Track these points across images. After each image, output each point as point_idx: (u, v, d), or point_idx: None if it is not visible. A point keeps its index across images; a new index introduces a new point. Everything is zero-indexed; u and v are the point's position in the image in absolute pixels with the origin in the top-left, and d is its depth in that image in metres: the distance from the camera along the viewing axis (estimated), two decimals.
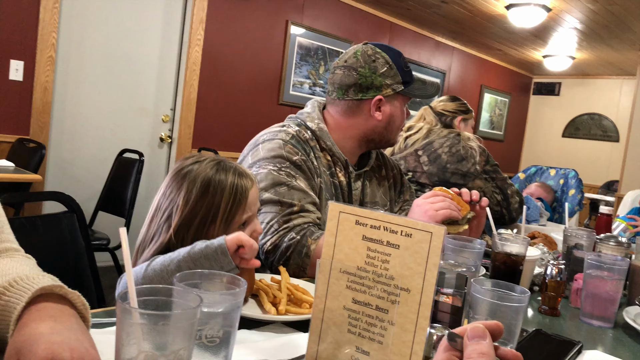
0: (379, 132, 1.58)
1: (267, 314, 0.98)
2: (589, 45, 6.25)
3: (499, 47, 6.93)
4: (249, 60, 4.67)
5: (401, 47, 6.07)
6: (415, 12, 5.62)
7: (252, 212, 1.11)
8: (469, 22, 5.82)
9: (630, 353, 1.06)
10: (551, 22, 5.42)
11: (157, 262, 0.94)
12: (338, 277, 0.72)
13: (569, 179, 3.52)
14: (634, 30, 5.41)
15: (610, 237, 1.54)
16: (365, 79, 1.53)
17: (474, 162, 2.31)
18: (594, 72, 7.75)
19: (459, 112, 2.58)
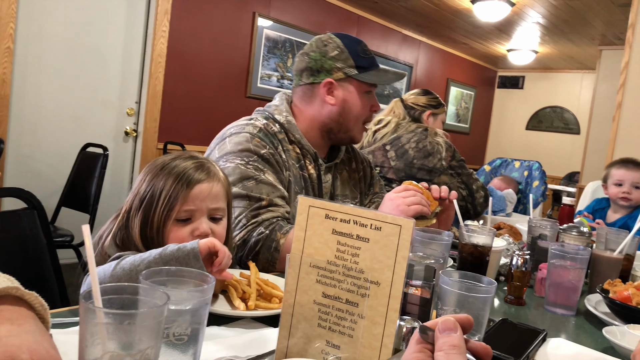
0: (335, 120, 1.55)
1: (236, 310, 0.97)
2: (551, 39, 6.40)
3: (464, 41, 7.02)
4: (215, 52, 4.61)
5: (369, 41, 6.09)
6: (383, 5, 5.64)
7: (197, 209, 1.06)
8: (435, 16, 5.87)
9: (592, 339, 1.09)
10: (515, 17, 5.52)
11: (126, 261, 0.92)
12: (308, 272, 0.72)
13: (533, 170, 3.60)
14: (594, 25, 5.56)
15: (573, 228, 1.59)
16: (315, 62, 1.53)
17: (440, 158, 2.33)
18: (556, 66, 7.94)
19: (429, 106, 2.59)
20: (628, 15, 3.21)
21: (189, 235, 1.05)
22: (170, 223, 1.05)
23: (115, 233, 1.06)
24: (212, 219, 1.10)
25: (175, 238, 1.05)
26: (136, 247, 1.05)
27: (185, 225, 1.06)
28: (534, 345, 0.94)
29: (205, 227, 1.06)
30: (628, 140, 3.17)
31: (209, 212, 1.08)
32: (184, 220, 1.06)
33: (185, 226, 1.06)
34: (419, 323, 0.76)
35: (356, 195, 1.71)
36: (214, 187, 1.09)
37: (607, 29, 5.64)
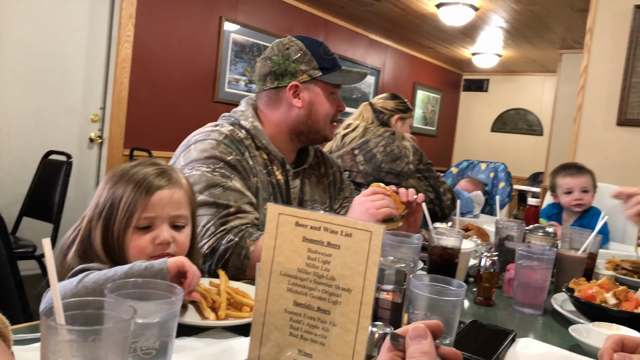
0: (304, 122, 1.55)
1: (206, 320, 0.95)
2: (513, 43, 6.55)
3: (430, 45, 7.12)
4: (182, 57, 4.55)
5: (336, 45, 6.12)
6: (349, 9, 5.67)
7: (158, 216, 1.04)
8: (402, 20, 5.94)
9: (559, 338, 1.11)
10: (479, 21, 5.63)
11: (89, 279, 0.88)
12: (279, 280, 0.71)
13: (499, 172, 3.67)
14: (554, 30, 5.71)
15: (539, 228, 1.62)
16: (278, 66, 1.52)
17: (408, 162, 2.35)
18: (519, 69, 8.13)
19: (397, 110, 2.61)
20: (586, 20, 3.31)
21: (149, 243, 1.03)
22: (130, 231, 1.02)
23: (78, 245, 1.03)
24: (175, 227, 1.07)
25: (135, 247, 1.02)
26: (99, 258, 1.02)
27: (145, 233, 1.03)
28: (504, 346, 0.95)
29: (166, 235, 1.04)
30: (588, 141, 3.26)
31: (170, 220, 1.06)
32: (144, 228, 1.03)
33: (146, 234, 1.03)
34: (391, 328, 0.76)
35: (325, 200, 1.71)
36: (176, 194, 1.07)
37: (567, 34, 5.81)
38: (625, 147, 3.09)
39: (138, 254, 1.03)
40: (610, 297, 1.16)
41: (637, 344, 0.73)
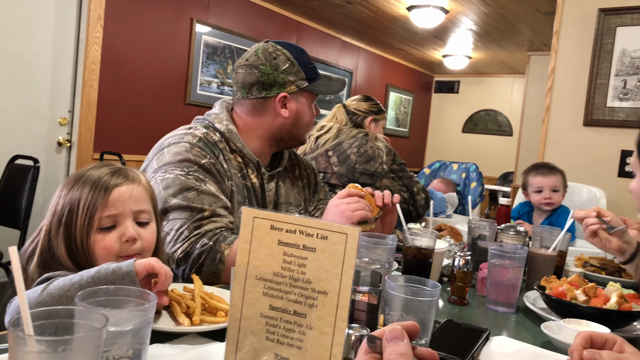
0: (287, 130, 1.56)
1: (180, 326, 0.94)
2: (483, 45, 6.66)
3: (402, 47, 7.19)
4: (152, 59, 4.49)
5: (308, 47, 6.12)
6: (321, 12, 5.68)
7: (120, 212, 1.02)
8: (373, 23, 5.98)
9: (531, 335, 1.13)
10: (449, 24, 5.71)
11: (54, 285, 0.86)
12: (254, 285, 0.70)
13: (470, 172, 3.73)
14: (522, 32, 5.83)
15: (510, 227, 1.64)
16: (267, 77, 1.51)
17: (381, 162, 2.37)
18: (489, 70, 8.27)
19: (371, 112, 2.63)
20: (553, 23, 3.39)
21: (116, 241, 1.01)
22: (94, 233, 1.00)
23: (38, 257, 1.00)
24: (139, 224, 1.06)
25: (101, 248, 1.00)
26: (65, 267, 0.99)
27: (110, 232, 1.01)
28: (478, 344, 0.97)
29: (131, 231, 1.02)
30: (557, 141, 3.33)
31: (134, 215, 1.04)
32: (108, 228, 1.01)
33: (110, 233, 1.01)
34: (367, 330, 0.76)
35: (300, 202, 1.71)
36: (135, 190, 1.05)
37: (534, 36, 5.93)
38: (591, 146, 3.17)
39: (105, 255, 1.01)
40: (580, 293, 1.18)
41: (605, 339, 0.75)
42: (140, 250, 1.04)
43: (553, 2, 3.65)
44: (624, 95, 3.08)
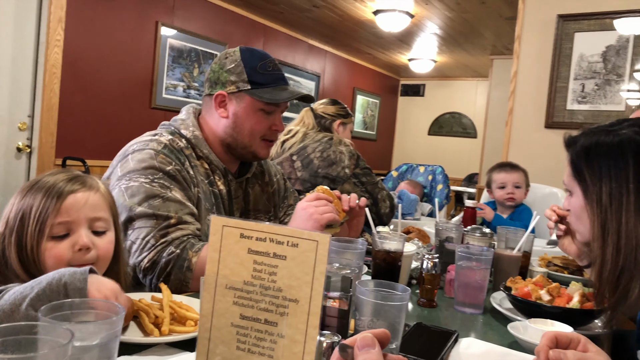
0: (230, 134, 1.52)
1: (149, 337, 0.92)
2: (447, 49, 6.77)
3: (368, 51, 7.25)
4: (116, 62, 4.40)
5: (275, 50, 6.11)
6: (288, 15, 5.68)
7: (74, 220, 0.99)
8: (340, 27, 6.01)
9: (498, 336, 1.15)
10: (414, 28, 5.78)
11: (5, 300, 0.81)
12: (224, 294, 0.69)
13: (437, 174, 3.78)
14: (485, 36, 5.95)
15: (476, 229, 1.67)
16: (213, 74, 1.52)
17: (344, 167, 2.36)
18: (453, 74, 8.41)
19: (338, 115, 2.64)
20: (514, 28, 3.47)
21: (68, 250, 0.98)
22: (45, 241, 0.97)
23: None
24: (95, 233, 1.03)
25: (52, 257, 0.97)
26: (18, 277, 0.96)
27: (62, 240, 0.98)
28: (447, 346, 0.98)
29: (85, 239, 0.99)
30: (519, 143, 3.41)
31: (89, 224, 1.01)
32: (61, 236, 0.98)
33: (63, 241, 0.98)
34: (339, 337, 0.77)
35: (270, 209, 1.70)
36: (92, 197, 1.02)
37: (497, 40, 6.07)
38: (552, 148, 3.25)
39: (56, 264, 0.97)
40: (544, 293, 1.21)
41: (570, 339, 0.77)
42: (95, 260, 1.02)
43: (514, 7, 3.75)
44: (583, 99, 3.18)
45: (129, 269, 1.32)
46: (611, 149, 1.00)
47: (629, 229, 0.94)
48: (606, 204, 0.98)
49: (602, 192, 0.99)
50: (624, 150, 0.98)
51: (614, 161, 0.99)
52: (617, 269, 0.95)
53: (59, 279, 0.82)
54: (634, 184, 0.95)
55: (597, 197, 1.00)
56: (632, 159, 0.97)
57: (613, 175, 0.98)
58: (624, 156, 0.97)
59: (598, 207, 0.99)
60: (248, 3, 5.34)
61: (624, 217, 0.95)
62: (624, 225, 0.94)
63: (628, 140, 0.98)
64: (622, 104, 3.07)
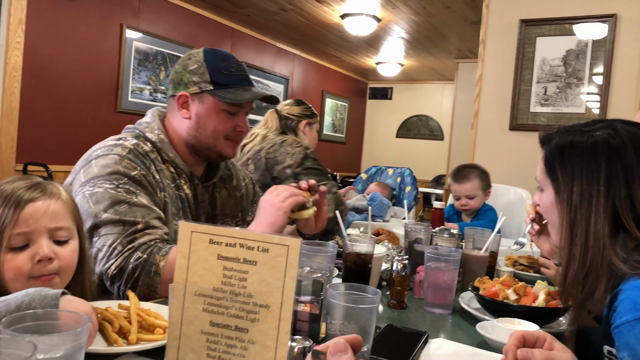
0: (193, 135, 1.50)
1: (116, 346, 0.90)
2: (414, 53, 6.86)
3: (336, 55, 7.29)
4: (80, 65, 4.31)
5: (243, 53, 6.08)
6: (256, 18, 5.66)
7: (33, 230, 0.96)
8: (308, 30, 6.02)
9: (467, 335, 1.17)
10: (381, 32, 5.84)
11: None
12: (193, 301, 0.68)
13: (405, 177, 3.82)
14: (450, 40, 6.06)
15: (444, 230, 1.70)
16: (176, 75, 1.51)
17: (284, 166, 2.30)
18: (420, 77, 8.53)
19: (304, 116, 2.61)
20: (479, 32, 3.54)
21: (27, 261, 0.95)
22: (3, 252, 0.93)
23: None
24: (57, 242, 0.99)
25: (10, 269, 0.94)
26: None
27: (22, 251, 0.95)
28: (418, 348, 0.99)
29: (46, 250, 0.96)
30: (485, 145, 3.48)
31: (49, 233, 0.98)
32: (21, 247, 0.95)
33: (22, 252, 0.95)
34: (310, 342, 0.76)
35: (237, 213, 1.68)
36: (52, 205, 0.99)
37: (462, 44, 6.18)
38: (517, 150, 3.33)
39: (15, 276, 0.94)
40: (511, 293, 1.24)
41: (536, 338, 0.79)
42: (57, 271, 0.98)
43: (479, 12, 3.83)
44: (545, 101, 3.27)
45: (95, 277, 1.29)
46: (584, 150, 1.02)
47: (596, 230, 0.96)
48: (576, 204, 1.00)
49: (573, 193, 1.00)
50: (596, 152, 1.00)
51: (586, 162, 1.00)
52: (583, 268, 0.97)
53: (28, 304, 0.78)
54: (604, 186, 0.97)
55: (568, 197, 1.01)
56: (604, 161, 0.98)
57: (585, 176, 1.00)
58: (597, 158, 0.99)
59: (568, 206, 1.01)
60: (215, 6, 5.30)
61: (593, 219, 0.96)
62: (592, 227, 0.96)
63: (601, 143, 1.00)
64: (582, 107, 3.16)
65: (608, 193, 0.97)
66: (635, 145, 0.98)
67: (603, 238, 0.95)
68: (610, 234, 0.95)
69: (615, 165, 0.98)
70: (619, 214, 0.96)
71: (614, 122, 1.04)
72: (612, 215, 0.96)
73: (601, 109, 3.09)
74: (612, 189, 0.97)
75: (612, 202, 0.96)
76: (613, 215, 0.96)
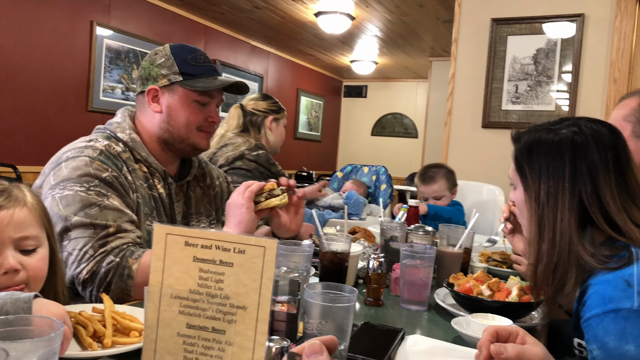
0: (165, 129, 1.49)
1: (90, 350, 0.88)
2: (388, 51, 6.91)
3: (311, 53, 7.28)
4: (49, 63, 4.22)
5: (217, 51, 6.03)
6: (230, 16, 5.62)
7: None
8: (282, 28, 6.01)
9: (443, 331, 1.18)
10: (356, 30, 5.86)
11: None
12: (169, 303, 0.68)
13: (380, 175, 3.85)
14: (424, 39, 6.11)
15: (419, 228, 1.71)
16: (144, 71, 1.51)
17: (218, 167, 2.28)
18: (394, 75, 8.59)
19: (271, 111, 2.53)
20: (452, 30, 3.59)
21: None
22: None
23: None
24: (23, 252, 0.97)
25: None
26: None
27: None
28: (394, 345, 1.00)
29: (11, 262, 0.93)
30: (458, 143, 3.53)
31: (15, 244, 0.95)
32: None
33: None
34: (287, 342, 0.77)
35: (211, 212, 1.67)
36: (17, 214, 0.96)
37: (435, 43, 6.24)
38: (489, 147, 3.38)
39: None
40: (485, 288, 1.26)
41: (509, 332, 0.81)
42: (25, 281, 0.96)
43: (451, 11, 3.87)
44: (516, 99, 3.33)
45: (67, 281, 1.27)
46: (550, 147, 1.04)
47: (563, 226, 0.98)
48: (543, 201, 1.02)
49: (540, 189, 1.03)
50: (561, 149, 1.02)
51: (552, 160, 1.03)
52: (552, 263, 0.99)
53: (0, 308, 0.77)
54: (569, 183, 0.99)
55: (536, 194, 1.04)
56: (569, 158, 1.01)
57: (550, 173, 1.02)
58: (562, 155, 1.02)
59: (536, 203, 1.04)
60: (188, 3, 5.24)
61: (559, 215, 0.99)
62: (559, 222, 0.99)
63: (566, 140, 1.03)
64: (552, 104, 3.23)
65: (574, 189, 0.99)
66: (597, 142, 1.01)
67: (570, 233, 0.97)
68: (578, 229, 0.98)
69: (579, 162, 1.00)
70: (586, 210, 0.98)
71: (579, 120, 1.07)
72: (580, 211, 0.99)
73: (570, 107, 3.16)
74: (578, 185, 0.99)
75: (579, 198, 0.99)
76: (580, 211, 0.99)
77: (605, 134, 1.02)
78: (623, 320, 0.83)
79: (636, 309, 0.83)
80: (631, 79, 3.02)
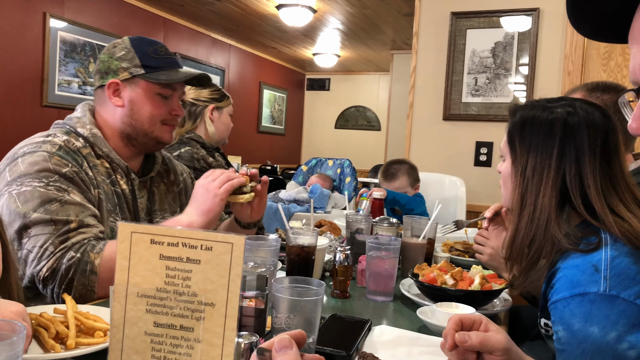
0: (128, 123, 1.46)
1: (53, 353, 0.86)
2: (350, 44, 6.93)
3: (273, 45, 7.24)
4: (0, 57, 4.05)
5: (177, 44, 5.93)
6: (190, 8, 5.53)
7: None
8: (243, 21, 5.95)
9: (409, 321, 1.21)
10: (317, 23, 5.85)
11: None
12: (136, 302, 0.67)
13: (345, 168, 3.87)
14: (385, 32, 6.16)
15: (384, 220, 1.74)
16: (103, 64, 1.47)
17: None
18: (357, 68, 8.63)
19: (212, 100, 2.37)
20: (412, 24, 3.62)
21: None
22: None
23: None
24: None
25: None
26: None
27: None
28: (362, 335, 1.01)
29: None
30: (420, 135, 3.58)
31: None
32: None
33: None
34: (256, 337, 0.77)
35: (176, 209, 1.65)
36: None
37: (396, 36, 6.30)
38: (450, 139, 3.44)
39: None
40: (448, 278, 1.29)
41: (473, 320, 0.83)
42: None
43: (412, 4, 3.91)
44: (476, 92, 3.40)
45: (27, 280, 1.23)
46: (543, 125, 1.06)
47: (544, 202, 1.01)
48: (529, 176, 1.04)
49: (527, 164, 1.05)
50: (553, 128, 1.04)
51: (543, 137, 1.05)
52: (528, 237, 1.02)
53: None
54: (555, 161, 1.02)
55: (522, 168, 1.06)
56: (559, 138, 1.03)
57: (539, 150, 1.04)
58: (552, 134, 1.04)
59: (521, 177, 1.06)
60: None
61: (542, 191, 1.01)
62: (540, 198, 1.01)
63: (559, 120, 1.05)
64: (510, 96, 3.31)
65: (559, 168, 1.02)
66: (589, 125, 1.03)
67: (549, 210, 1.00)
68: (557, 208, 1.00)
69: (568, 143, 1.02)
70: (568, 190, 1.01)
71: (575, 101, 1.09)
72: (561, 190, 1.01)
73: (527, 99, 3.25)
74: (563, 165, 1.02)
75: (562, 177, 1.01)
76: (562, 190, 1.01)
77: (598, 118, 1.04)
78: (589, 304, 0.86)
79: (602, 293, 0.86)
80: (584, 71, 3.12)
